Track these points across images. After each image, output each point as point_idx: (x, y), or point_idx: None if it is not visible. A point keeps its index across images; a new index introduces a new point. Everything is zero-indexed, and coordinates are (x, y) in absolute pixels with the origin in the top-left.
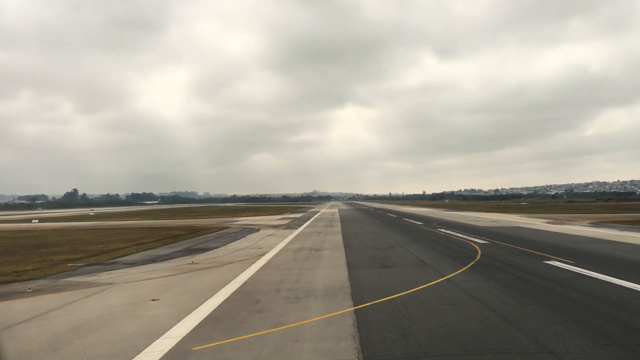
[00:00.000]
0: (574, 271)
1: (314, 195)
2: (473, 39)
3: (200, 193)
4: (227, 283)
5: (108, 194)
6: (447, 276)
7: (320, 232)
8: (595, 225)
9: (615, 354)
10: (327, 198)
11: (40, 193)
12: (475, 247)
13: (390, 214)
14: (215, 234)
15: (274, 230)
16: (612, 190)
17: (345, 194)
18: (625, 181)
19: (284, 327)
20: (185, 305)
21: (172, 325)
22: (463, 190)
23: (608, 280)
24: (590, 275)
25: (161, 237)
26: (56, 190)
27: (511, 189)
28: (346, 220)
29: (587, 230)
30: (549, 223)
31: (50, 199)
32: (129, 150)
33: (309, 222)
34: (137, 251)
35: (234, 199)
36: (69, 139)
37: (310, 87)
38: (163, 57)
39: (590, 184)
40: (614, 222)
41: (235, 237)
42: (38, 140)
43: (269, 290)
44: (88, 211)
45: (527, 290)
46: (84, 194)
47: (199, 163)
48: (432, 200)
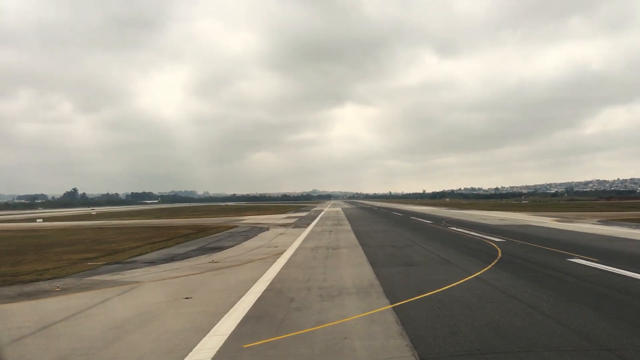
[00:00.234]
0: (601, 269)
1: (314, 194)
2: (473, 37)
3: (200, 192)
4: (255, 282)
5: (107, 193)
6: (475, 274)
7: (332, 231)
8: (605, 223)
9: None
10: (327, 197)
11: (39, 192)
12: (494, 246)
13: (395, 213)
14: (226, 233)
15: (284, 229)
16: (612, 188)
17: (345, 192)
18: (626, 179)
19: (327, 325)
20: (220, 303)
21: (214, 323)
22: (463, 188)
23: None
24: (619, 273)
25: (171, 236)
26: (55, 190)
27: (511, 188)
28: (353, 219)
29: (599, 228)
30: (558, 221)
31: (50, 198)
32: (128, 149)
33: (316, 221)
34: (152, 250)
35: (234, 198)
36: (68, 139)
37: (311, 86)
38: (163, 56)
39: (590, 182)
40: (622, 220)
41: (247, 236)
42: (37, 139)
43: (299, 288)
44: (90, 210)
45: (560, 287)
46: (84, 194)
47: (198, 162)
48: (433, 198)
